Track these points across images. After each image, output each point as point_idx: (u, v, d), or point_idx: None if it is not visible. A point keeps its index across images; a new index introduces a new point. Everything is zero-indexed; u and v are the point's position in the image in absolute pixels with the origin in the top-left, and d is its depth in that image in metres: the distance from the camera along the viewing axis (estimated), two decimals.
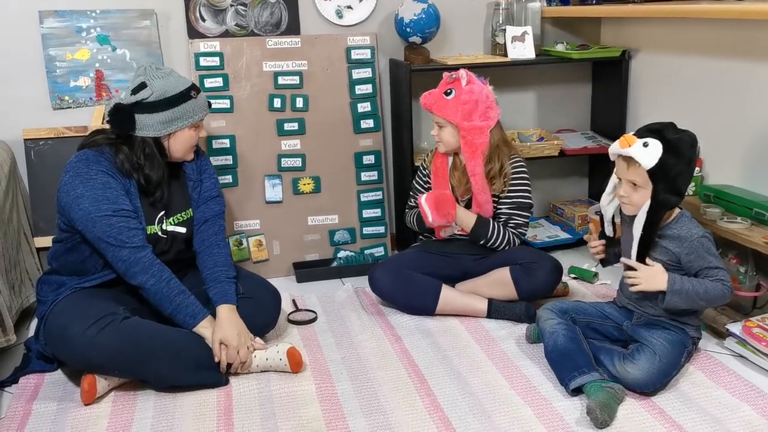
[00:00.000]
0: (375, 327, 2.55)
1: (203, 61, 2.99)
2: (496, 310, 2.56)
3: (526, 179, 2.62)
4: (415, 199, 2.73)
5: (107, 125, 2.26)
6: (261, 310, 2.36)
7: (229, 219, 2.99)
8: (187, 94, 2.25)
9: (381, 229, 3.21)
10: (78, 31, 2.91)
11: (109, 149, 2.22)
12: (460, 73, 2.54)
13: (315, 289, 2.94)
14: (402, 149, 3.14)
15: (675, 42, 2.93)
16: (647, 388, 2.04)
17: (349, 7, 3.15)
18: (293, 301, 2.79)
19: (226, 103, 3.01)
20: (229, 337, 2.16)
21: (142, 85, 2.21)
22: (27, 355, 2.33)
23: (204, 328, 2.17)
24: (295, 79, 3.06)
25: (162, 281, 2.15)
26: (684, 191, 2.10)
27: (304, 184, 3.11)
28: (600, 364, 2.10)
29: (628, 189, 2.09)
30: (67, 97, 2.94)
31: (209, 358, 2.15)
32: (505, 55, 3.15)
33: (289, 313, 2.66)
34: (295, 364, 2.22)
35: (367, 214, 3.19)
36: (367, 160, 3.17)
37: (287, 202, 3.11)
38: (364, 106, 3.14)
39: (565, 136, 3.38)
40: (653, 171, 2.02)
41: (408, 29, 3.01)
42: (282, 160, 3.08)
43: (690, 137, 2.08)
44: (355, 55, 3.11)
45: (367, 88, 3.13)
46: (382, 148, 3.20)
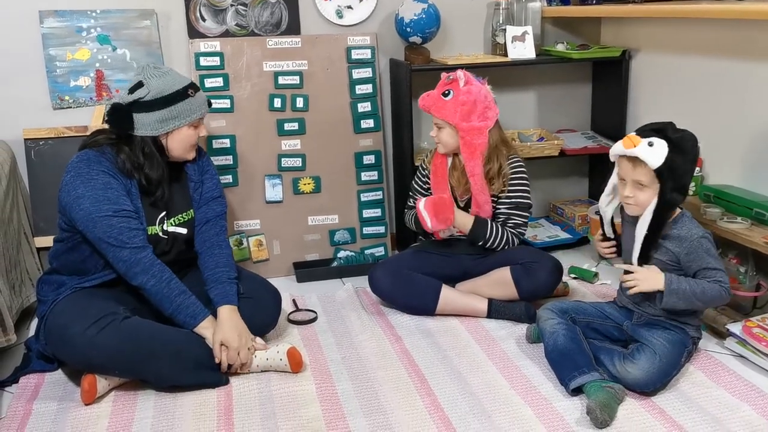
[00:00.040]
0: (375, 327, 2.55)
1: (203, 61, 2.99)
2: (496, 310, 2.56)
3: (525, 179, 2.62)
4: (414, 200, 2.73)
5: (107, 125, 2.26)
6: (261, 310, 2.36)
7: (230, 219, 2.99)
8: (184, 92, 2.24)
9: (381, 229, 3.21)
10: (78, 31, 2.91)
11: (111, 149, 2.22)
12: (457, 74, 2.54)
13: (315, 289, 2.94)
14: (402, 149, 3.14)
15: (675, 42, 2.93)
16: (647, 388, 2.04)
17: (350, 7, 3.15)
18: (293, 301, 2.79)
19: (226, 103, 3.01)
20: (230, 339, 2.16)
21: (139, 84, 2.21)
22: (27, 355, 2.33)
23: (205, 329, 2.17)
24: (295, 79, 3.06)
25: (162, 282, 2.15)
26: (688, 189, 2.11)
27: (305, 184, 3.11)
28: (600, 364, 2.10)
29: (634, 189, 2.08)
30: (67, 97, 2.94)
31: (209, 358, 2.15)
32: (506, 55, 3.15)
33: (289, 313, 2.66)
34: (295, 364, 2.22)
35: (367, 214, 3.19)
36: (368, 160, 3.17)
37: (287, 201, 3.11)
38: (364, 106, 3.14)
39: (565, 136, 3.38)
40: (660, 170, 2.01)
41: (408, 29, 3.01)
42: (282, 159, 3.08)
43: (691, 135, 2.08)
44: (356, 55, 3.11)
45: (367, 88, 3.13)
46: (382, 148, 3.20)
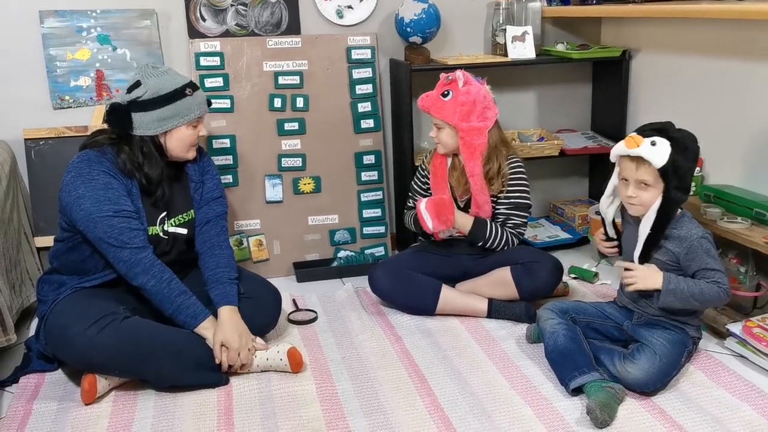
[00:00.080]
0: (375, 327, 2.55)
1: (203, 61, 2.99)
2: (497, 310, 2.56)
3: (524, 179, 2.62)
4: (413, 200, 2.73)
5: (106, 125, 2.26)
6: (261, 310, 2.36)
7: (230, 219, 2.99)
8: (182, 91, 2.23)
9: (381, 228, 3.21)
10: (78, 31, 2.91)
11: (111, 149, 2.21)
12: (456, 74, 2.53)
13: (315, 288, 2.94)
14: (402, 149, 3.14)
15: (675, 42, 2.93)
16: (647, 388, 2.04)
17: (350, 6, 3.15)
18: (293, 300, 2.79)
19: (226, 103, 3.01)
20: (231, 339, 2.16)
21: (137, 84, 2.21)
22: (27, 355, 2.33)
23: (205, 329, 2.17)
24: (295, 79, 3.06)
25: (163, 282, 2.15)
26: (690, 188, 2.11)
27: (305, 184, 3.11)
28: (600, 363, 2.10)
29: (637, 189, 2.07)
30: (67, 97, 2.94)
31: (209, 358, 2.15)
32: (506, 55, 3.15)
33: (289, 313, 2.66)
34: (295, 364, 2.22)
35: (367, 213, 3.19)
36: (368, 159, 3.17)
37: (287, 201, 3.11)
38: (364, 106, 3.14)
39: (565, 136, 3.38)
40: (664, 169, 2.01)
41: (408, 29, 3.01)
42: (282, 159, 3.08)
43: (691, 135, 2.08)
44: (356, 54, 3.11)
45: (367, 88, 3.13)
46: (382, 148, 3.20)
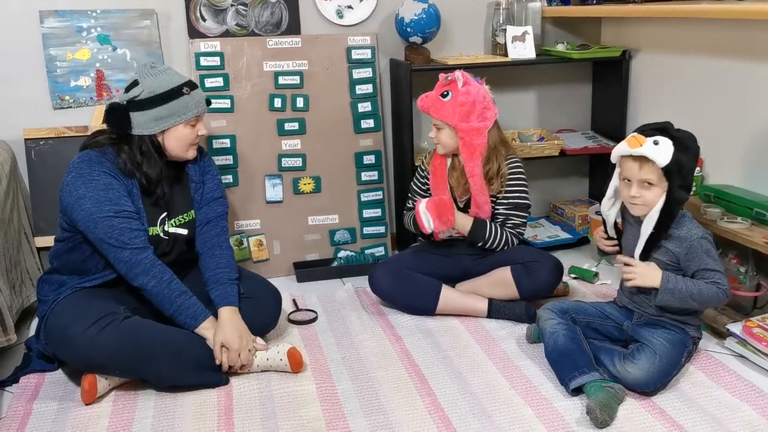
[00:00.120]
0: (375, 327, 2.55)
1: (204, 61, 2.99)
2: (497, 310, 2.56)
3: (523, 179, 2.62)
4: (413, 201, 2.73)
5: (105, 125, 2.26)
6: (261, 310, 2.36)
7: (230, 219, 2.98)
8: (179, 90, 2.22)
9: (381, 228, 3.21)
10: (78, 31, 2.91)
11: (112, 149, 2.21)
12: (456, 75, 2.53)
13: (315, 288, 2.94)
14: (402, 149, 3.14)
15: (675, 42, 2.93)
16: (647, 388, 2.04)
17: (350, 6, 3.15)
18: (294, 300, 2.79)
19: (226, 103, 3.01)
20: (231, 340, 2.16)
21: (134, 83, 2.21)
22: (27, 355, 2.33)
23: (205, 330, 2.17)
24: (295, 79, 3.06)
25: (163, 283, 2.15)
26: (692, 187, 2.11)
27: (305, 184, 3.11)
28: (600, 363, 2.10)
29: (641, 189, 2.07)
30: (67, 97, 2.94)
31: (210, 358, 2.15)
32: (506, 55, 3.15)
33: (289, 313, 2.66)
34: (295, 364, 2.22)
35: (367, 213, 3.19)
36: (368, 159, 3.17)
37: (288, 201, 3.11)
38: (364, 106, 3.14)
39: (565, 136, 3.38)
40: (668, 168, 2.01)
41: (408, 29, 3.01)
42: (282, 159, 3.08)
43: (691, 134, 2.09)
44: (356, 54, 3.11)
45: (367, 88, 3.13)
46: (382, 148, 3.20)
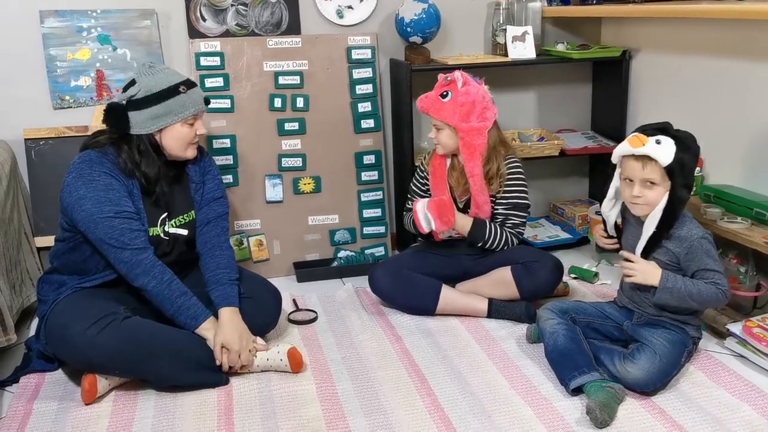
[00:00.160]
0: (375, 327, 2.55)
1: (204, 61, 2.99)
2: (497, 310, 2.56)
3: (522, 179, 2.62)
4: (412, 202, 2.72)
5: (104, 125, 2.26)
6: (261, 310, 2.36)
7: (230, 219, 2.98)
8: (175, 89, 2.21)
9: (381, 228, 3.21)
10: (79, 31, 2.91)
11: (113, 149, 2.22)
12: (455, 75, 2.53)
13: (315, 288, 2.94)
14: (402, 149, 3.14)
15: (675, 42, 2.93)
16: (647, 388, 2.04)
17: (350, 6, 3.15)
18: (294, 300, 2.79)
19: (226, 103, 3.01)
20: (231, 341, 2.15)
21: (132, 83, 2.22)
22: (28, 355, 2.33)
23: (206, 330, 2.17)
24: (295, 79, 3.06)
25: (163, 283, 2.15)
26: (693, 186, 2.11)
27: (305, 184, 3.11)
28: (600, 363, 2.10)
29: (643, 189, 2.06)
30: (67, 97, 2.94)
31: (210, 358, 2.15)
32: (506, 55, 3.15)
33: (289, 313, 2.66)
34: (295, 364, 2.22)
35: (367, 213, 3.19)
36: (368, 159, 3.17)
37: (288, 201, 3.11)
38: (364, 106, 3.14)
39: (565, 136, 3.38)
40: (671, 167, 2.01)
41: (408, 29, 3.01)
42: (282, 159, 3.08)
43: (690, 134, 2.09)
44: (356, 54, 3.11)
45: (367, 88, 3.13)
46: (382, 148, 3.20)
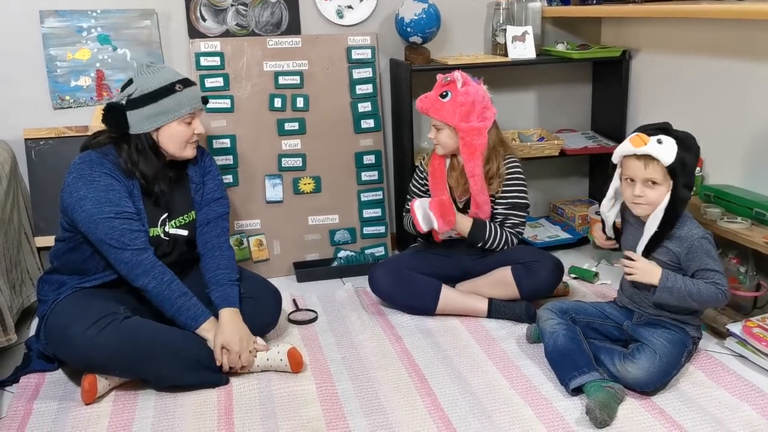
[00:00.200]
0: (375, 327, 2.55)
1: (204, 61, 2.99)
2: (497, 310, 2.56)
3: (522, 179, 2.62)
4: (410, 202, 2.72)
5: (103, 125, 2.26)
6: (261, 310, 2.36)
7: (230, 218, 2.99)
8: (171, 88, 2.21)
9: (381, 228, 3.21)
10: (79, 31, 2.91)
11: (114, 150, 2.22)
12: (455, 75, 2.53)
13: (315, 288, 2.94)
14: (402, 149, 3.14)
15: (675, 42, 2.93)
16: (648, 388, 2.04)
17: (350, 6, 3.15)
18: (294, 300, 2.79)
19: (226, 103, 3.01)
20: (231, 342, 2.15)
21: (129, 82, 2.22)
22: (28, 355, 2.33)
23: (206, 331, 2.17)
24: (295, 79, 3.06)
25: (164, 284, 2.15)
26: (693, 186, 2.11)
27: (305, 184, 3.11)
28: (600, 363, 2.10)
29: (644, 188, 2.06)
30: (67, 97, 2.94)
31: (209, 358, 2.15)
32: (506, 55, 3.15)
33: (289, 313, 2.66)
34: (295, 364, 2.22)
35: (367, 213, 3.19)
36: (368, 159, 3.17)
37: (288, 201, 3.11)
38: (364, 106, 3.14)
39: (565, 136, 3.38)
40: (673, 167, 2.01)
41: (408, 29, 3.01)
42: (282, 159, 3.08)
43: (690, 134, 2.09)
44: (356, 54, 3.11)
45: (367, 88, 3.13)
46: (382, 148, 3.20)
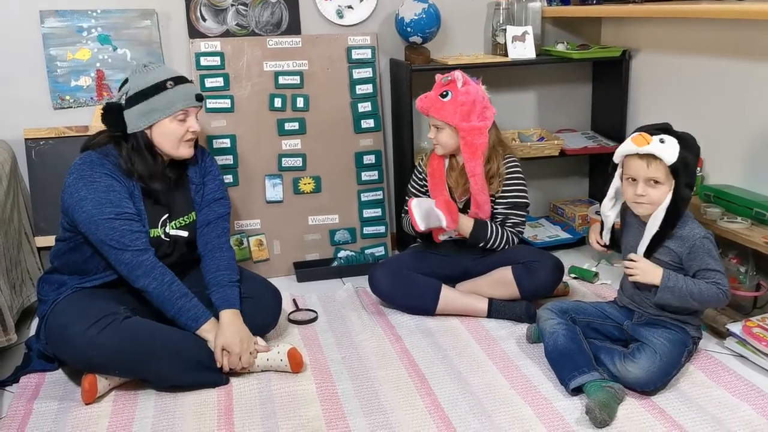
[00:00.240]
0: (375, 327, 2.55)
1: (204, 61, 2.99)
2: (497, 310, 2.56)
3: (521, 178, 2.62)
4: (408, 201, 2.72)
5: (103, 125, 2.26)
6: (262, 310, 2.36)
7: (230, 218, 2.99)
8: (162, 85, 2.19)
9: (381, 228, 3.21)
10: (79, 31, 2.91)
11: (114, 150, 2.22)
12: (455, 75, 2.53)
13: (315, 288, 2.94)
14: (402, 149, 3.14)
15: (675, 42, 2.93)
16: (648, 387, 2.04)
17: (350, 6, 3.15)
18: (294, 300, 2.79)
19: (226, 103, 3.01)
20: (232, 344, 2.15)
21: (125, 82, 2.23)
22: (28, 355, 2.34)
23: (207, 332, 2.17)
24: (295, 79, 3.06)
25: (164, 285, 2.15)
26: (694, 185, 2.11)
27: (305, 184, 3.11)
28: (600, 363, 2.10)
29: (647, 188, 2.06)
30: (68, 97, 2.94)
31: (209, 358, 2.15)
32: (506, 55, 3.15)
33: (289, 313, 2.66)
34: (295, 364, 2.22)
35: (367, 213, 3.19)
36: (368, 159, 3.17)
37: (288, 201, 3.11)
38: (364, 106, 3.14)
39: (565, 136, 3.38)
40: (675, 166, 2.01)
41: (408, 29, 3.01)
42: (282, 159, 3.08)
43: (690, 134, 2.09)
44: (356, 54, 3.11)
45: (367, 88, 3.13)
46: (382, 148, 3.20)
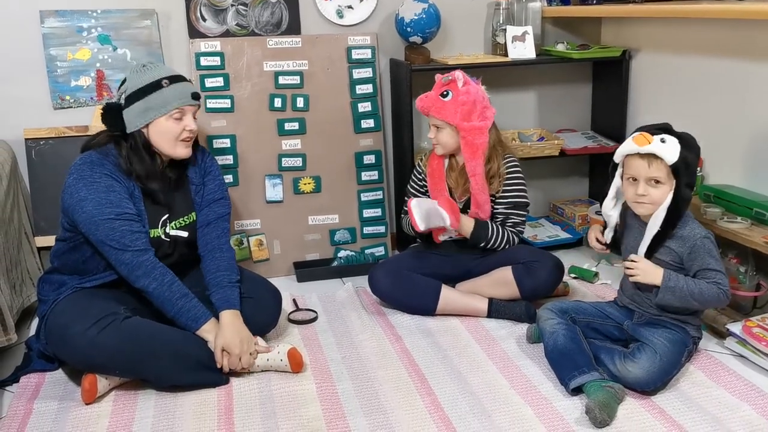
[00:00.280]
0: (375, 326, 2.55)
1: (204, 61, 2.99)
2: (497, 310, 2.57)
3: (521, 178, 2.62)
4: (407, 201, 2.71)
5: (102, 125, 2.26)
6: (261, 310, 2.36)
7: (230, 218, 2.99)
8: (157, 84, 2.20)
9: (381, 228, 3.21)
10: (79, 31, 2.92)
11: (115, 150, 2.22)
12: (455, 75, 2.53)
13: (315, 288, 2.94)
14: (402, 149, 3.14)
15: (675, 42, 2.93)
16: (648, 387, 2.04)
17: (350, 6, 3.15)
18: (294, 300, 2.79)
19: (226, 103, 3.01)
20: (232, 345, 2.15)
21: (123, 81, 2.24)
22: (28, 355, 2.34)
23: (207, 332, 2.17)
24: (295, 79, 3.06)
25: (164, 285, 2.15)
26: (695, 185, 2.11)
27: (305, 184, 3.11)
28: (600, 363, 2.10)
29: (648, 187, 2.07)
30: (68, 97, 2.94)
31: (209, 358, 2.15)
32: (506, 54, 3.15)
33: (289, 313, 2.66)
34: (295, 364, 2.22)
35: (367, 213, 3.19)
36: (368, 159, 3.17)
37: (288, 201, 3.11)
38: (364, 106, 3.14)
39: (565, 136, 3.38)
40: (676, 165, 2.01)
41: (408, 29, 3.01)
42: (282, 159, 3.08)
43: (690, 134, 2.09)
44: (356, 54, 3.11)
45: (367, 88, 3.13)
46: (382, 148, 3.20)
